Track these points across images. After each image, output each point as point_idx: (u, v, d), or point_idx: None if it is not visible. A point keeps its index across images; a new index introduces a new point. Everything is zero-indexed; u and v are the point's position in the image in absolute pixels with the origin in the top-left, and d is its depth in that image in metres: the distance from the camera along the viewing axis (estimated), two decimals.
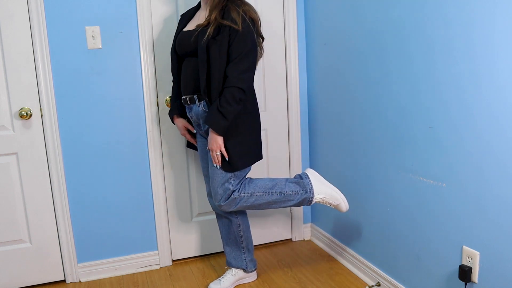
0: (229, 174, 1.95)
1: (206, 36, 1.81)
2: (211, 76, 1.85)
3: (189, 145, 2.27)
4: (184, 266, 2.54)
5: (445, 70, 1.63)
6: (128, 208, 2.42)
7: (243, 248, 2.22)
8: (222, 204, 1.98)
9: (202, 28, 1.85)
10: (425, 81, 1.73)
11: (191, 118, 2.05)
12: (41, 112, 2.20)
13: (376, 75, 2.03)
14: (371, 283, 2.22)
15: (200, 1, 2.06)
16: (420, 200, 1.85)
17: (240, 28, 1.81)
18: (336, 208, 2.11)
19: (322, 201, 2.08)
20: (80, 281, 2.40)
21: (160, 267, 2.53)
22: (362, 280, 2.29)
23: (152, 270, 2.50)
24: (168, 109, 2.39)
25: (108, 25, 2.24)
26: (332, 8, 2.32)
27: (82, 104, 2.26)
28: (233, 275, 2.23)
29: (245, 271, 2.25)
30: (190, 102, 1.99)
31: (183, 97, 2.02)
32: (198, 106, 1.97)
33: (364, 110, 2.14)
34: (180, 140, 2.46)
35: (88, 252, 2.40)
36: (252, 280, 2.30)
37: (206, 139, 2.10)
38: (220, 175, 1.96)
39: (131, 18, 2.27)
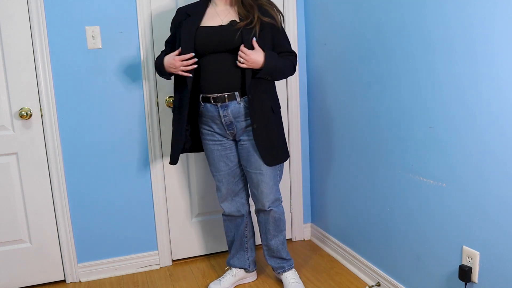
0: (277, 168, 2.05)
1: (252, 34, 1.86)
2: (257, 70, 1.90)
3: (194, 149, 2.14)
4: (184, 266, 2.54)
5: (445, 70, 1.63)
6: (128, 208, 2.42)
7: (247, 248, 2.22)
8: (280, 198, 2.11)
9: (246, 25, 1.86)
10: (425, 81, 1.73)
11: (224, 117, 1.95)
12: (41, 112, 2.20)
13: (376, 75, 2.03)
14: (371, 283, 2.22)
15: None
16: (420, 200, 1.85)
17: (280, 25, 1.95)
18: None
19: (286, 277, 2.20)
20: (80, 281, 2.40)
21: (160, 267, 2.53)
22: (362, 280, 2.29)
23: (152, 270, 2.51)
24: (169, 109, 2.40)
25: (108, 25, 2.24)
26: (332, 8, 2.32)
27: (82, 104, 2.26)
28: (233, 276, 2.23)
29: (246, 271, 2.25)
30: (228, 100, 1.93)
31: (216, 95, 1.92)
32: (239, 103, 1.93)
33: (364, 110, 2.14)
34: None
35: (88, 252, 2.40)
36: (252, 280, 2.30)
37: (228, 140, 2.03)
38: (271, 172, 2.01)
39: (131, 18, 2.27)
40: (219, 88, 1.92)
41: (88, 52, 2.24)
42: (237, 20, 1.89)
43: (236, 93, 1.92)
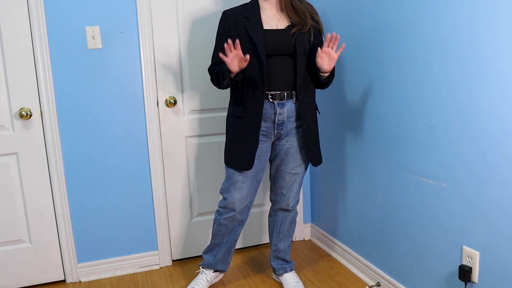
0: (306, 170, 2.13)
1: (310, 38, 1.95)
2: (308, 73, 1.98)
3: (247, 164, 1.98)
4: (184, 266, 2.54)
5: (446, 70, 1.63)
6: (128, 208, 2.42)
7: (231, 251, 2.20)
8: (298, 201, 2.19)
9: (299, 30, 1.92)
10: (425, 81, 1.73)
11: (278, 115, 1.95)
12: (41, 112, 2.20)
13: (376, 76, 2.03)
14: (371, 283, 2.22)
15: (256, 1, 1.98)
16: (420, 200, 1.85)
17: (323, 31, 2.04)
18: None
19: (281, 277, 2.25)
20: (80, 281, 2.40)
21: (160, 267, 2.53)
22: (362, 280, 2.29)
23: (152, 270, 2.51)
24: (169, 109, 2.40)
25: (108, 25, 2.24)
26: (332, 8, 2.32)
27: (82, 104, 2.26)
28: (208, 281, 2.19)
29: (221, 272, 2.23)
30: (287, 98, 1.96)
31: (276, 92, 1.94)
32: (295, 103, 1.97)
33: (364, 109, 2.14)
34: (180, 140, 2.46)
35: (88, 252, 2.40)
36: (220, 278, 2.30)
37: (268, 141, 2.01)
38: (303, 173, 2.11)
39: (131, 18, 2.27)
40: (279, 86, 1.94)
41: (88, 52, 2.24)
42: (291, 25, 1.95)
43: (294, 92, 1.97)
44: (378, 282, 2.18)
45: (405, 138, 1.89)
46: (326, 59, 1.87)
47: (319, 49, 1.85)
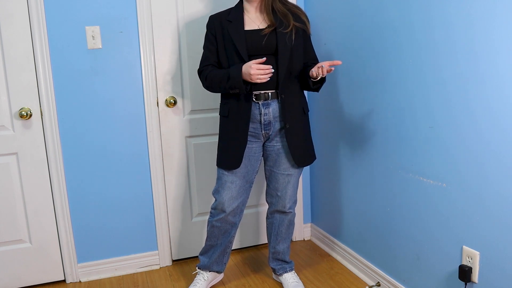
0: (302, 170, 2.11)
1: (292, 37, 1.94)
2: (291, 72, 1.97)
3: (233, 164, 1.99)
4: (184, 266, 2.54)
5: (447, 70, 1.63)
6: (128, 208, 2.42)
7: (227, 252, 2.20)
8: (297, 201, 2.17)
9: (281, 30, 1.92)
10: (425, 81, 1.74)
11: (264, 115, 1.96)
12: (41, 112, 2.20)
13: (375, 75, 2.03)
14: (371, 283, 2.23)
15: (240, 5, 2.00)
16: (420, 200, 1.85)
17: (309, 31, 2.04)
18: None
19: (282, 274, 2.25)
20: (80, 281, 2.40)
21: (160, 267, 2.53)
22: (362, 280, 2.29)
23: (152, 270, 2.51)
24: (169, 109, 2.40)
25: (108, 25, 2.24)
26: (333, 8, 2.32)
27: (82, 104, 2.26)
28: (205, 280, 2.19)
29: (218, 272, 2.23)
30: (271, 98, 1.96)
31: (260, 92, 1.94)
32: (280, 102, 1.97)
33: (364, 110, 2.14)
34: (180, 140, 2.46)
35: (88, 252, 2.40)
36: (220, 279, 2.30)
37: (258, 142, 2.01)
38: (298, 174, 2.08)
39: (131, 18, 2.27)
40: (263, 86, 1.94)
41: (88, 52, 2.24)
42: (272, 25, 1.94)
43: (278, 92, 1.96)
44: (378, 282, 2.18)
45: (405, 138, 1.89)
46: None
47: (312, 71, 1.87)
